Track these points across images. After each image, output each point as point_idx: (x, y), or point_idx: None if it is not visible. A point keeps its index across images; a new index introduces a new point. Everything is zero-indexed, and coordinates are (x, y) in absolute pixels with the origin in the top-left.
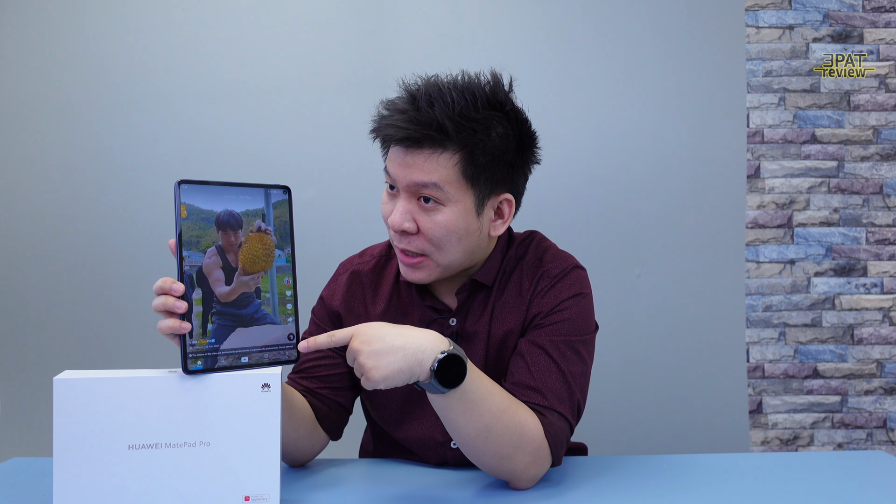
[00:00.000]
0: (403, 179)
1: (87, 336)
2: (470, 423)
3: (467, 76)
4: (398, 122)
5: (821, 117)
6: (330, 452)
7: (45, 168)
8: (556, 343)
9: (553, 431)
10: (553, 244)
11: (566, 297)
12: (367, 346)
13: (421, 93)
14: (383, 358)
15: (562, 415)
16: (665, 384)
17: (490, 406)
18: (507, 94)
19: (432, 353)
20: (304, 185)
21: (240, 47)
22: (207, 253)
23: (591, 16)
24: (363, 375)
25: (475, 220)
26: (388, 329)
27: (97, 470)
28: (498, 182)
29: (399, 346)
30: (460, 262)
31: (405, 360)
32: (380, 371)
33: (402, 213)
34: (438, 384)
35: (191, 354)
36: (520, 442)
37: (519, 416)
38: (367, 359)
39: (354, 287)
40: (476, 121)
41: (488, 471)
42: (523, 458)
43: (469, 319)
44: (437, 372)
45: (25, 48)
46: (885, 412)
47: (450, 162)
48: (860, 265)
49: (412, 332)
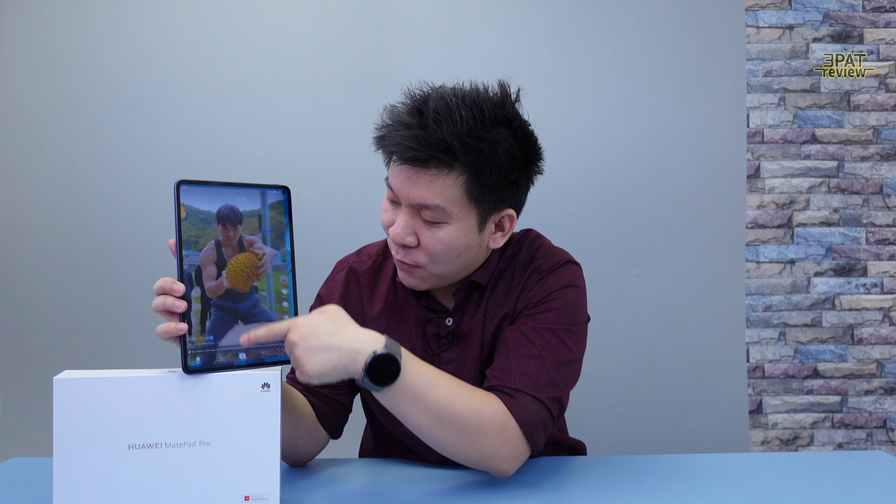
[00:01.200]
0: (407, 197)
1: (87, 336)
2: (417, 415)
3: (474, 87)
4: (404, 139)
5: (821, 117)
6: (330, 452)
7: (45, 168)
8: (539, 330)
9: (523, 414)
10: (547, 241)
11: (556, 288)
12: (304, 342)
13: (428, 108)
14: (317, 355)
15: (536, 398)
16: (665, 384)
17: (436, 396)
18: (515, 108)
19: (365, 353)
20: (303, 185)
21: (240, 47)
22: (206, 247)
23: (591, 16)
24: (299, 370)
25: (476, 235)
26: (325, 326)
27: (97, 470)
28: (502, 199)
29: (334, 346)
30: (456, 274)
31: (339, 359)
32: (314, 367)
33: (404, 228)
34: (371, 383)
35: (189, 351)
36: (478, 426)
37: (472, 401)
38: (301, 353)
39: (351, 286)
40: (484, 140)
41: (461, 461)
42: (489, 443)
43: (465, 318)
44: (369, 371)
45: (25, 48)
46: (885, 412)
47: (456, 182)
48: (860, 265)
49: (349, 330)
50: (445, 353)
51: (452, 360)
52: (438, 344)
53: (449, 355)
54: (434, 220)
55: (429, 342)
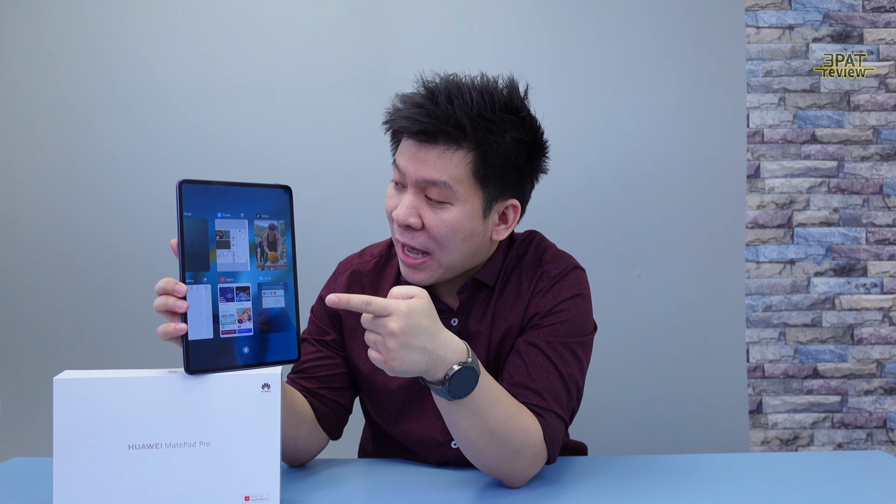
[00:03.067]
0: (414, 174)
1: (87, 336)
2: (474, 428)
3: (486, 78)
4: (415, 114)
5: (821, 117)
6: (330, 452)
7: (46, 168)
8: (553, 344)
9: (551, 433)
10: (552, 244)
11: (565, 298)
12: (403, 336)
13: (440, 89)
14: (412, 354)
15: (558, 415)
16: (665, 384)
17: (496, 413)
18: (523, 101)
19: (451, 363)
20: (304, 185)
21: (240, 47)
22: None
23: (591, 16)
24: (384, 358)
25: (480, 222)
26: (425, 324)
27: (97, 470)
28: (507, 186)
29: (429, 349)
30: (461, 264)
31: (427, 363)
32: (403, 364)
33: (408, 208)
34: (448, 393)
35: (192, 351)
36: (522, 446)
37: (523, 421)
38: (397, 347)
39: (354, 287)
40: (493, 122)
41: (485, 470)
42: (523, 462)
43: (471, 320)
44: (451, 382)
45: (25, 48)
46: (885, 412)
47: (463, 160)
48: (860, 265)
49: (442, 334)
50: None
51: None
52: None
53: None
54: (440, 198)
55: None
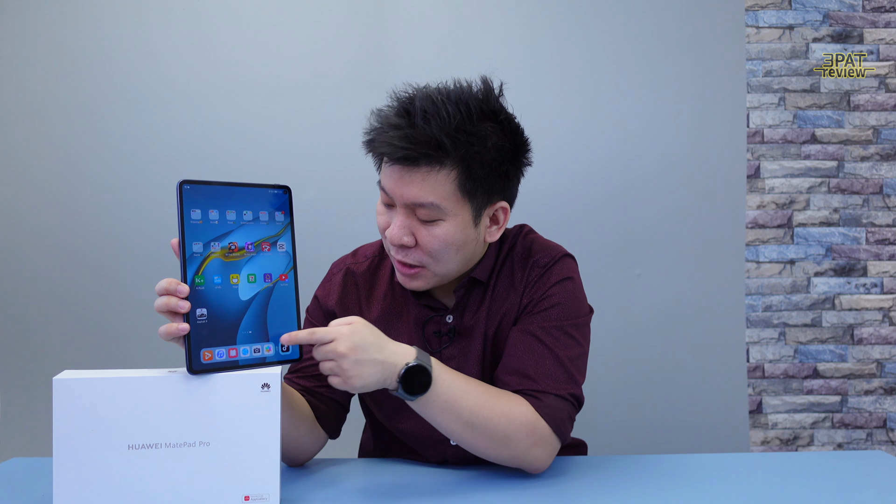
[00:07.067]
0: (401, 198)
1: (87, 336)
2: (450, 422)
3: (458, 84)
4: (394, 139)
5: (821, 117)
6: (329, 452)
7: (46, 168)
8: (547, 329)
9: (550, 412)
10: (539, 235)
11: (553, 283)
12: (354, 354)
13: (415, 107)
14: (366, 368)
15: (558, 396)
16: (665, 384)
17: (466, 404)
18: (499, 101)
19: (399, 365)
20: (303, 185)
21: (240, 47)
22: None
23: (590, 16)
24: (342, 379)
25: (472, 230)
26: (371, 339)
27: (97, 470)
28: (494, 192)
29: (379, 360)
30: (457, 270)
31: (382, 373)
32: (361, 379)
33: (401, 228)
34: (405, 393)
35: (194, 350)
36: (508, 430)
37: (500, 406)
38: (351, 365)
39: (349, 287)
40: (472, 134)
41: (493, 460)
42: (520, 444)
43: (466, 315)
44: (403, 382)
45: (25, 48)
46: (885, 412)
47: (447, 178)
48: (860, 265)
49: (389, 344)
50: (446, 350)
51: (453, 356)
52: (439, 341)
53: (450, 352)
54: (429, 218)
55: (429, 340)
